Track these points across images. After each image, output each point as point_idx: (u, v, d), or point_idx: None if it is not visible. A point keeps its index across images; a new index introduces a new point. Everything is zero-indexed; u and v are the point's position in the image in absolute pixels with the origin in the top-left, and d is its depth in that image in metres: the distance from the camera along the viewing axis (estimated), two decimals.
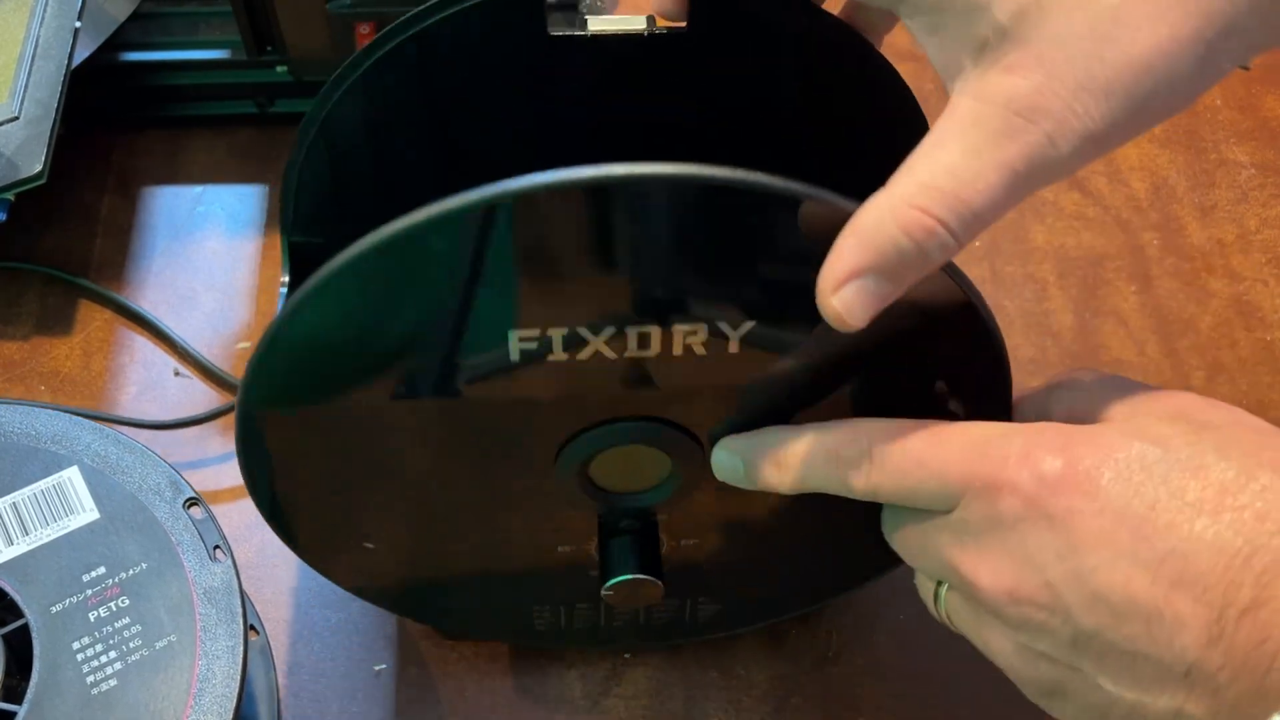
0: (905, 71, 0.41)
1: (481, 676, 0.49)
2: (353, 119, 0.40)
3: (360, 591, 0.45)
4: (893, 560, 0.39)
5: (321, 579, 0.51)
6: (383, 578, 0.44)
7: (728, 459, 0.38)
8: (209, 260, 0.60)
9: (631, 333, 0.35)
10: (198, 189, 0.63)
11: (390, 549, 0.43)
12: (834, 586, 0.47)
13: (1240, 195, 0.63)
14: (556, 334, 0.35)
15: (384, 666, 0.49)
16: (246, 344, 0.57)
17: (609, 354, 0.35)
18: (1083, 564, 0.31)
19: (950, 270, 0.34)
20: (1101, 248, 0.61)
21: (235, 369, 0.56)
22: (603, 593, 0.41)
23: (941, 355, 0.37)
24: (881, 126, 0.42)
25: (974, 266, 0.60)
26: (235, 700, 0.39)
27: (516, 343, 0.35)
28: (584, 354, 0.35)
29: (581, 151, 0.43)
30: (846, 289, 0.31)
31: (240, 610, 0.40)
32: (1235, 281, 0.60)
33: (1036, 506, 0.32)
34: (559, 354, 0.35)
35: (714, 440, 0.39)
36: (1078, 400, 0.36)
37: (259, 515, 0.53)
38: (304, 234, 0.42)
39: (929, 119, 0.42)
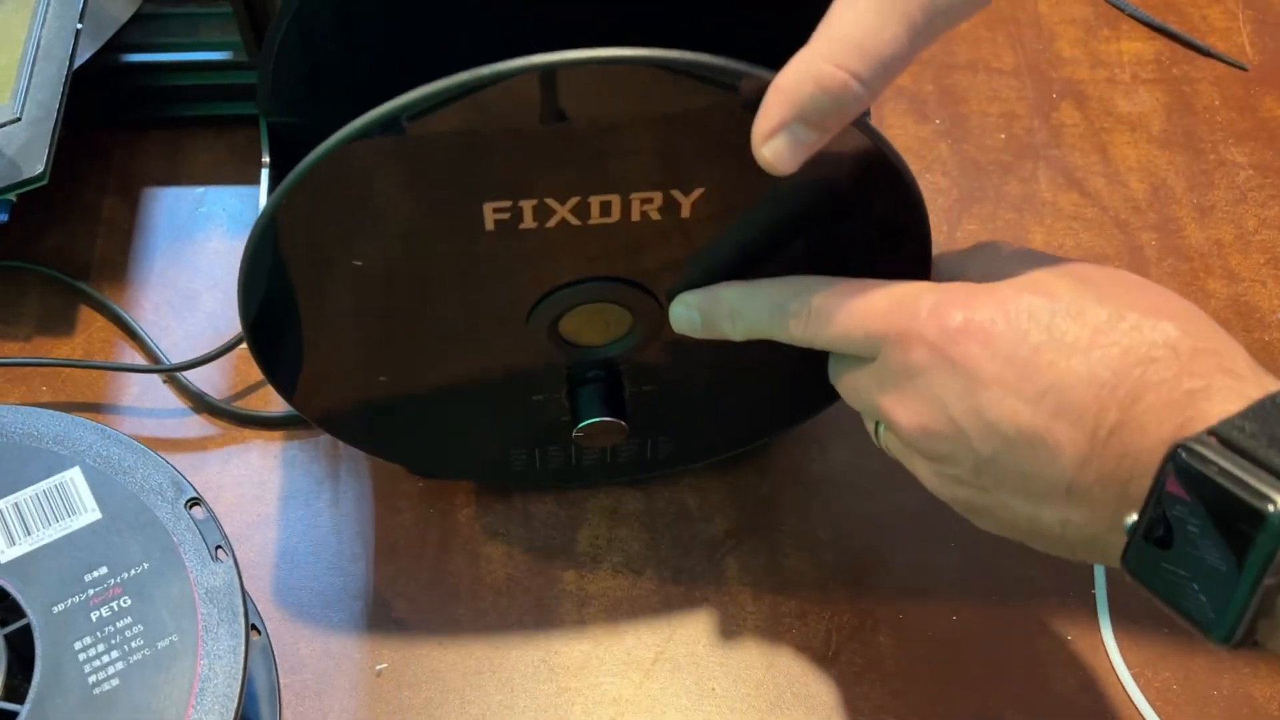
0: (905, 72, 0.42)
1: (481, 676, 0.49)
2: (324, 6, 0.42)
3: (337, 425, 0.48)
4: (828, 400, 0.46)
5: (321, 578, 0.51)
6: (361, 407, 0.47)
7: (685, 313, 0.43)
8: (210, 261, 0.60)
9: (594, 201, 0.39)
10: (199, 190, 0.63)
11: (372, 375, 0.46)
12: (777, 423, 0.52)
13: (1239, 196, 0.64)
14: (527, 205, 0.39)
15: (384, 666, 0.49)
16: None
17: (574, 221, 0.39)
18: (978, 401, 0.36)
19: (864, 127, 0.38)
20: (1100, 248, 0.61)
21: (236, 369, 0.56)
22: (574, 434, 0.46)
23: (868, 209, 0.41)
24: None
25: None
26: (237, 700, 0.39)
27: (491, 213, 0.39)
28: (552, 222, 0.39)
29: (536, 36, 0.44)
30: (775, 139, 0.35)
31: (242, 610, 0.41)
32: (1234, 282, 0.60)
33: (941, 353, 0.37)
34: (529, 223, 0.39)
35: (671, 297, 0.43)
36: (991, 263, 0.41)
37: (261, 515, 0.54)
38: (281, 115, 0.45)
39: (929, 120, 0.42)
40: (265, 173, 0.44)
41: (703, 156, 0.38)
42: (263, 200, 0.43)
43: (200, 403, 0.56)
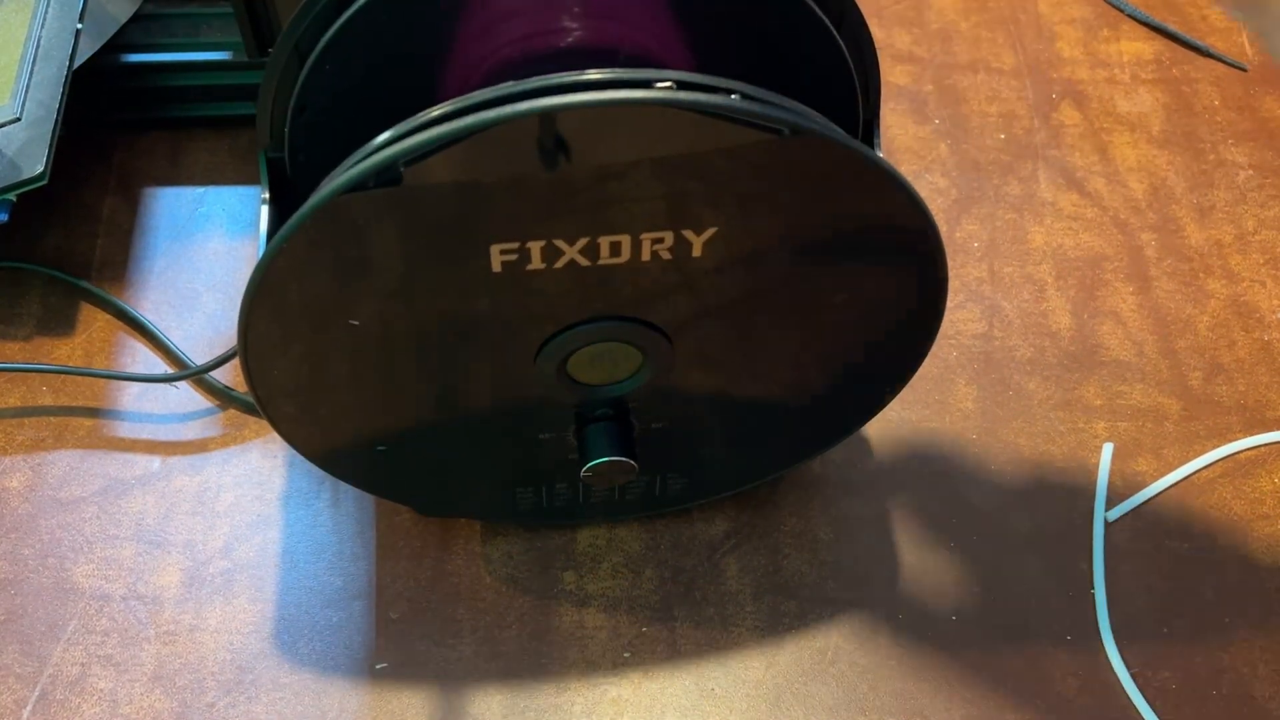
0: (904, 72, 0.42)
1: (481, 676, 0.49)
2: (323, 44, 0.42)
3: (339, 468, 0.47)
4: (838, 436, 0.47)
5: (320, 578, 0.51)
6: (363, 451, 0.46)
7: None
8: (211, 261, 0.60)
9: (604, 242, 0.38)
10: (199, 190, 0.63)
11: (375, 421, 0.45)
12: (786, 459, 0.51)
13: (1238, 196, 0.64)
14: (535, 246, 0.38)
15: (384, 666, 0.49)
16: None
17: (583, 262, 0.38)
18: None
19: (885, 170, 0.37)
20: (1100, 248, 0.61)
21: (237, 369, 0.56)
22: (582, 474, 0.45)
23: (883, 248, 0.41)
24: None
25: (972, 267, 0.60)
26: None
27: (498, 255, 0.38)
28: (560, 263, 0.38)
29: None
30: None
31: None
32: (1233, 282, 0.61)
33: None
34: (537, 264, 0.38)
35: (682, 336, 0.41)
36: None
37: (261, 515, 0.54)
38: (280, 150, 0.44)
39: (929, 120, 0.42)
40: (265, 210, 0.43)
41: (715, 196, 0.37)
42: (261, 242, 0.42)
43: (200, 402, 0.56)
